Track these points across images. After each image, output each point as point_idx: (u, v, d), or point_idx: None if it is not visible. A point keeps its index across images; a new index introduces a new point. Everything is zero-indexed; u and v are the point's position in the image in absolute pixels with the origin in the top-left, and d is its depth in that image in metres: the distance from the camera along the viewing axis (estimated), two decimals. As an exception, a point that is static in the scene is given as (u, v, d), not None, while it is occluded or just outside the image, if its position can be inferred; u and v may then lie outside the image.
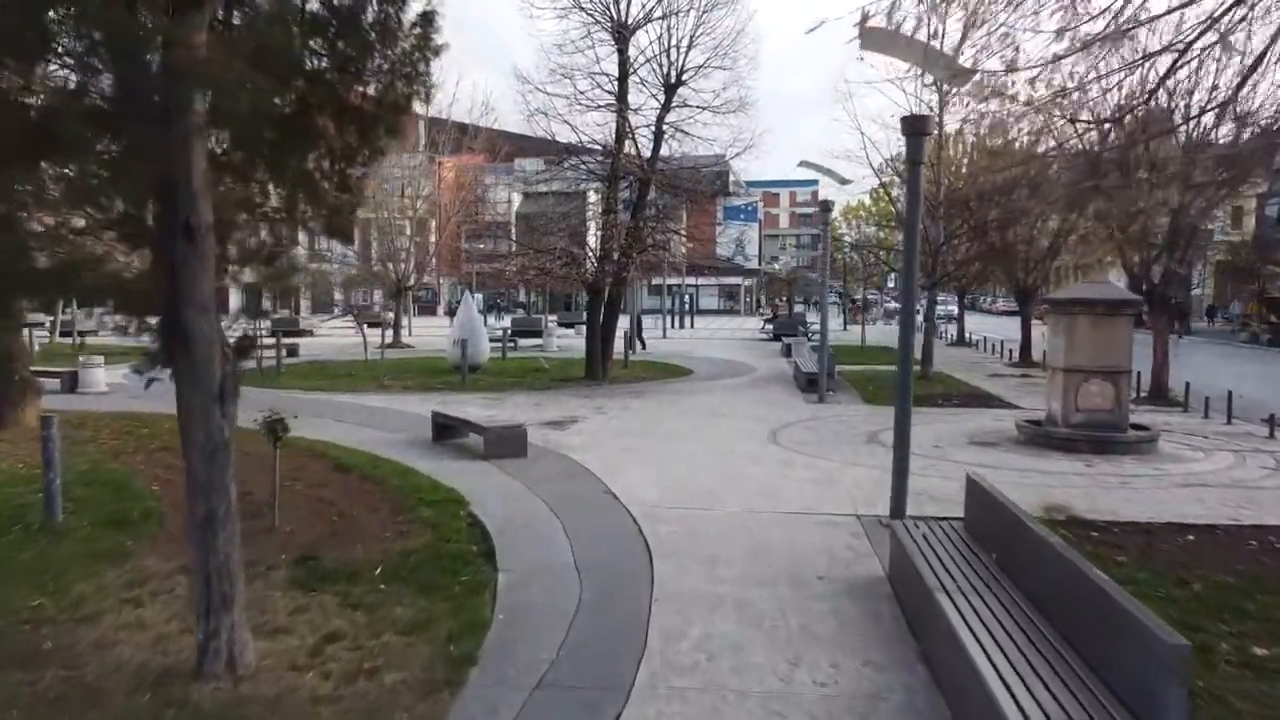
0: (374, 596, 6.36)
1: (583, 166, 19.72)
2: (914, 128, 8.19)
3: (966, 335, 34.70)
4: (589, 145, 19.47)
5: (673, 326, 45.91)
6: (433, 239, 33.11)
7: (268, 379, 20.36)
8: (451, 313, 53.71)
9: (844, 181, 16.90)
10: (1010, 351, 27.99)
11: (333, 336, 36.82)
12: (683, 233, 22.41)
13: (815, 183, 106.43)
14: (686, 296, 51.57)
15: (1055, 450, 11.94)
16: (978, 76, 8.63)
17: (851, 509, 8.92)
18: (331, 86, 5.39)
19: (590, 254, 19.38)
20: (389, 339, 32.32)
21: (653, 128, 20.13)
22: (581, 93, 19.37)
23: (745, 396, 17.84)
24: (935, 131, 20.88)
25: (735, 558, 7.25)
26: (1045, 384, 12.97)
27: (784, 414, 15.30)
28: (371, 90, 5.57)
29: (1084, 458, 11.53)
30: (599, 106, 19.43)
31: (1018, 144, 24.24)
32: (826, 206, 16.37)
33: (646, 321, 45.92)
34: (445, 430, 12.34)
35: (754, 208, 67.61)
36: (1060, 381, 12.33)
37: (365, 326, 24.23)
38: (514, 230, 28.10)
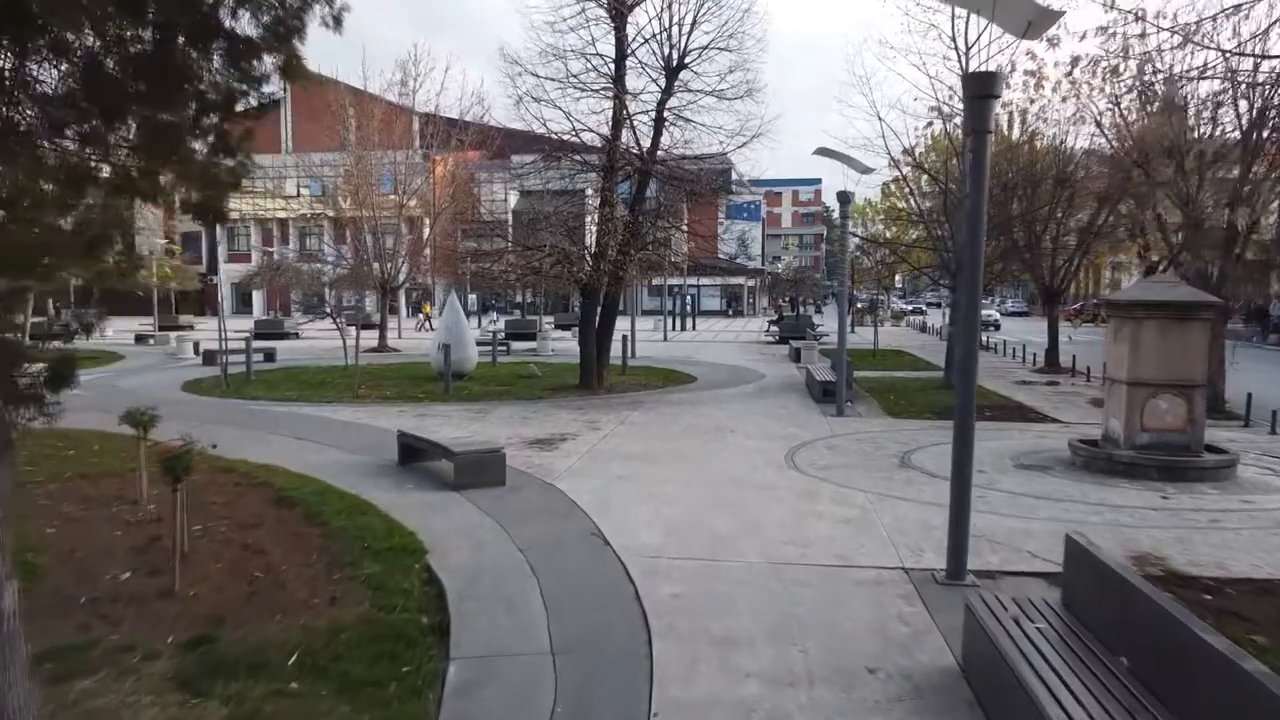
0: (278, 703, 4.73)
1: (577, 158, 18.06)
2: (979, 88, 6.53)
3: (984, 338, 33.00)
4: (582, 132, 17.83)
5: (673, 329, 44.28)
6: (423, 236, 31.42)
7: (236, 388, 18.76)
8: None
9: (865, 170, 15.25)
10: (1034, 356, 26.37)
11: (320, 340, 35.14)
12: (685, 229, 20.75)
13: (818, 181, 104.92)
14: (688, 297, 49.91)
15: (1119, 476, 10.30)
16: (1065, 17, 7.02)
17: (896, 559, 7.27)
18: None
19: (585, 251, 17.72)
20: (376, 342, 30.75)
21: (652, 114, 18.50)
22: (574, 75, 17.75)
23: (755, 409, 16.18)
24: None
25: (759, 636, 5.61)
26: (1105, 398, 11.34)
27: (800, 430, 13.65)
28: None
29: (1155, 486, 9.89)
30: (595, 90, 17.78)
31: (1042, 138, 22.68)
32: (845, 197, 14.74)
33: (645, 324, 44.29)
34: (413, 452, 10.70)
35: (757, 206, 65.99)
36: (1123, 396, 10.68)
37: (356, 329, 22.48)
38: (510, 229, 26.43)
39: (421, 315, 46.72)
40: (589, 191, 19.24)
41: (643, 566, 6.94)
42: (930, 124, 21.16)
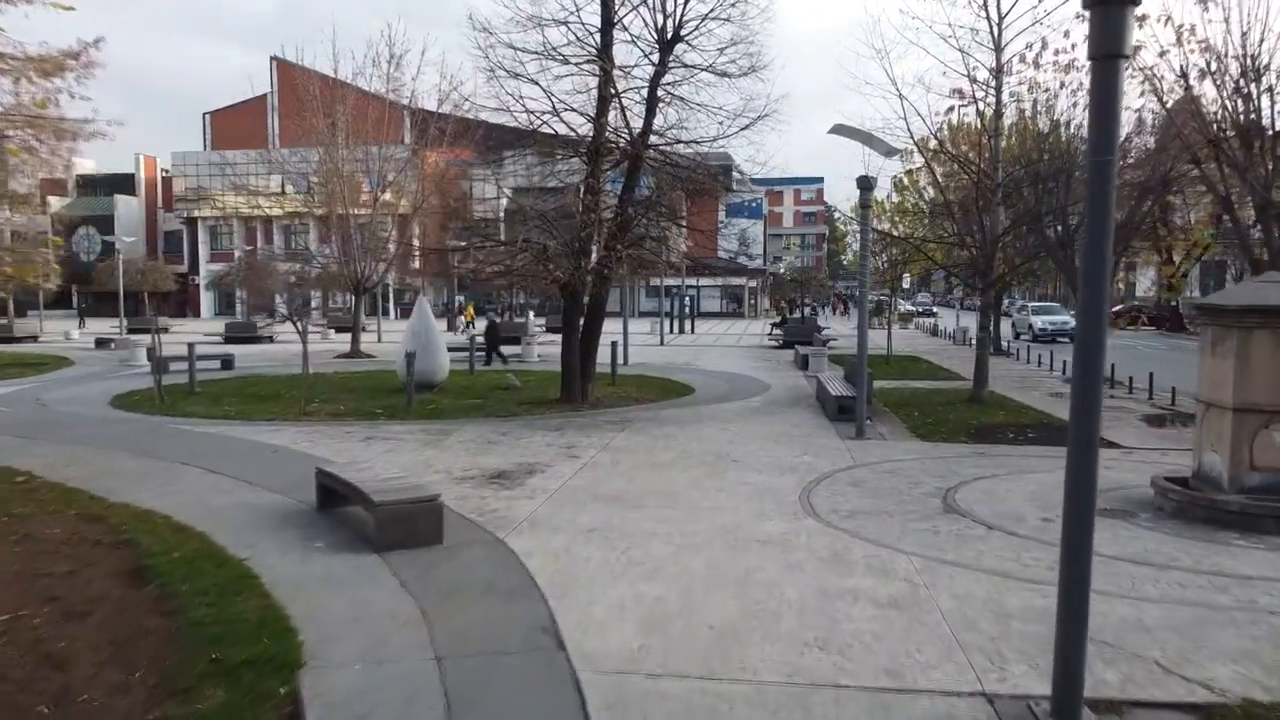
0: None
1: (557, 139, 15.80)
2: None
3: (1003, 343, 30.85)
4: (564, 112, 15.66)
5: (671, 331, 42.09)
6: (398, 234, 29.15)
7: (172, 403, 16.58)
8: (442, 315, 49.87)
9: (889, 152, 13.09)
10: (1065, 364, 24.17)
11: (295, 344, 32.90)
12: (681, 224, 18.54)
13: (820, 180, 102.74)
14: (687, 299, 47.71)
15: (1227, 529, 8.12)
16: None
17: (971, 675, 5.10)
18: None
19: (565, 247, 15.50)
20: (349, 347, 28.62)
21: (643, 93, 16.34)
22: (555, 48, 15.55)
23: (761, 429, 14.01)
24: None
25: None
26: (1198, 425, 9.17)
27: (815, 459, 11.48)
28: None
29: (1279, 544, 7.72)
30: (577, 65, 15.61)
31: (1071, 125, 20.52)
32: (867, 183, 12.55)
33: (642, 326, 42.05)
34: (334, 496, 8.52)
35: (759, 203, 63.78)
36: (1227, 426, 8.50)
37: (304, 333, 20.31)
38: (502, 226, 24.24)
39: (463, 319, 44.23)
40: (572, 179, 17.00)
41: (608, 695, 4.77)
42: (952, 109, 19.01)
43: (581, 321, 16.69)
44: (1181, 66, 13.27)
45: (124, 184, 67.24)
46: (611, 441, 12.66)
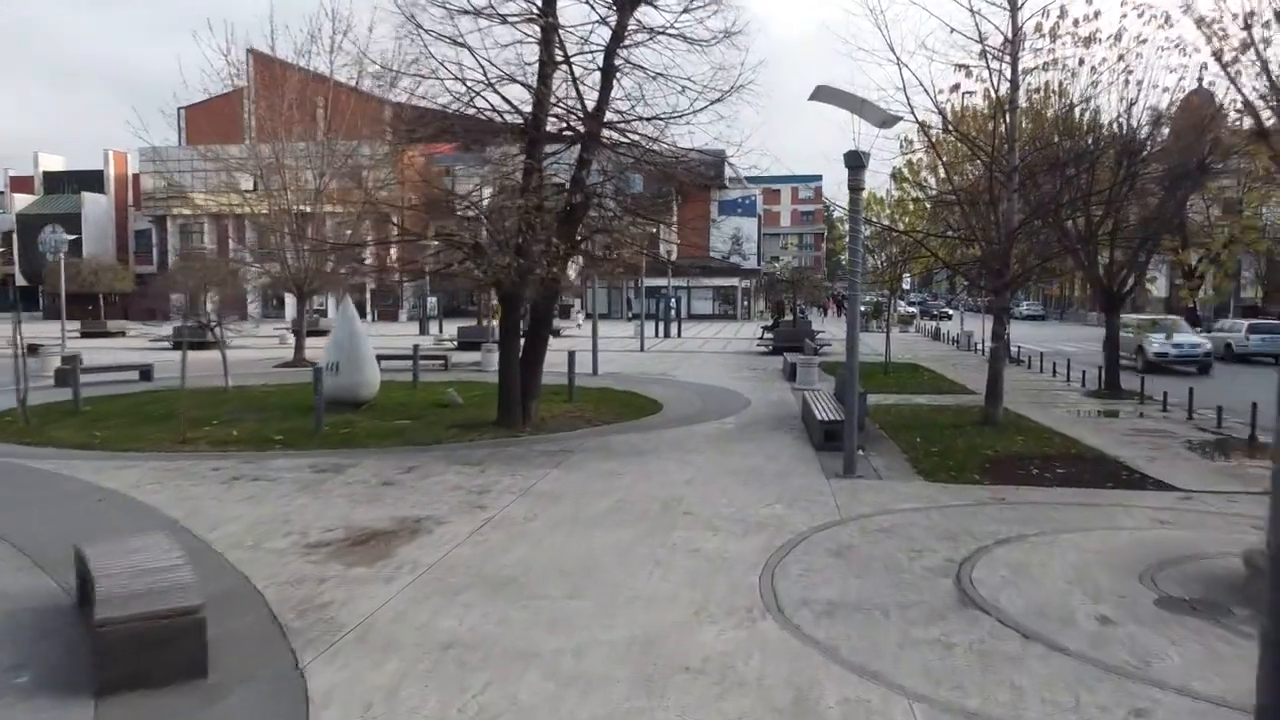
0: None
1: (485, 117, 13.24)
2: None
3: (1015, 349, 28.33)
4: (500, 82, 13.15)
5: (655, 335, 39.58)
6: (351, 231, 26.59)
7: (44, 423, 14.09)
8: (418, 319, 47.38)
9: (884, 122, 10.59)
10: (1084, 374, 21.71)
11: (244, 350, 30.32)
12: (645, 218, 16.02)
13: (819, 179, 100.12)
14: (674, 300, 45.15)
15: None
16: None
17: None
18: None
19: (498, 243, 12.95)
20: (292, 355, 26.11)
21: (598, 60, 13.86)
22: (490, 4, 13.06)
23: (729, 462, 11.49)
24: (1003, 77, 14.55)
25: None
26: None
27: (789, 510, 8.96)
28: None
29: None
30: (516, 22, 13.13)
31: (1092, 103, 18.00)
32: (858, 159, 10.07)
33: (626, 330, 39.62)
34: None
35: (752, 200, 61.25)
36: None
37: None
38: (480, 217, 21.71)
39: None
40: (506, 163, 14.45)
41: None
42: (957, 87, 16.51)
43: (524, 330, 14.19)
44: (1247, 15, 10.81)
45: (93, 181, 64.75)
46: (539, 481, 10.15)
